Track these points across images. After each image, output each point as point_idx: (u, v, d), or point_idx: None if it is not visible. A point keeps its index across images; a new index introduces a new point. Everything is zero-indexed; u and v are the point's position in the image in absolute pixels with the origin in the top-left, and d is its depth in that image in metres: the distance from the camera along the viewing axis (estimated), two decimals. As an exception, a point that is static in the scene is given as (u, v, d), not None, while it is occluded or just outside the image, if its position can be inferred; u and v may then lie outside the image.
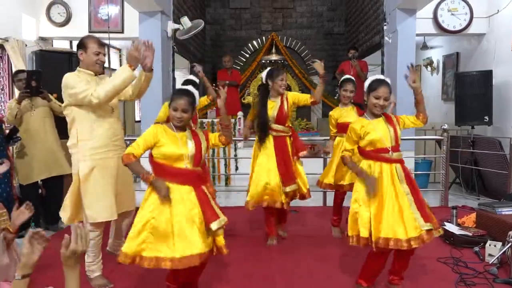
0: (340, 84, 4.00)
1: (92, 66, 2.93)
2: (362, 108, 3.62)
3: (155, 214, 2.44)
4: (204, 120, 6.83)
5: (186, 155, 2.49)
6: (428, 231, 2.58)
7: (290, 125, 3.89)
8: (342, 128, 3.75)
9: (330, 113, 4.08)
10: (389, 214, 2.60)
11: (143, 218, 2.45)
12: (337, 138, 4.02)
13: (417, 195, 2.67)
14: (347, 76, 4.13)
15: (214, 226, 2.47)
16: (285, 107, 3.73)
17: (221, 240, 2.54)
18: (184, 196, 2.47)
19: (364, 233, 2.62)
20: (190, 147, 2.52)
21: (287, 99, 3.76)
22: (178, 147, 2.48)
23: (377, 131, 2.69)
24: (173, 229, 2.41)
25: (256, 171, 3.74)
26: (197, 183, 2.54)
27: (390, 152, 2.69)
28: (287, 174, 3.68)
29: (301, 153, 3.82)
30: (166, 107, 3.70)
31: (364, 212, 2.65)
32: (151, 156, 2.54)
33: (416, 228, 2.56)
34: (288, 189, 3.66)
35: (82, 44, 2.92)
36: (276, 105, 3.72)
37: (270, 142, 3.74)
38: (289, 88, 8.26)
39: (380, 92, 2.67)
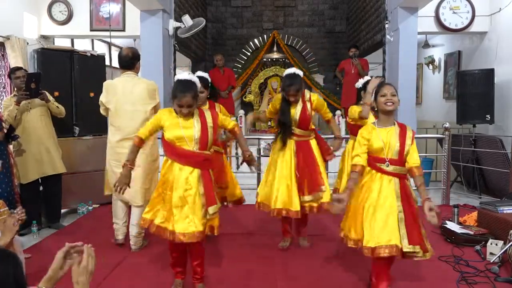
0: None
1: None
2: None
3: (162, 189, 2.70)
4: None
5: (190, 137, 2.62)
6: (408, 253, 2.51)
7: (313, 127, 3.61)
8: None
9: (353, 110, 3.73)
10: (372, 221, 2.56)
11: (156, 191, 2.74)
12: (350, 142, 3.93)
13: (412, 215, 2.56)
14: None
15: (211, 210, 2.65)
16: (308, 109, 3.45)
17: (215, 221, 2.72)
18: (186, 176, 2.63)
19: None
20: (196, 130, 2.63)
21: (310, 100, 3.47)
22: (179, 129, 2.63)
23: (379, 139, 2.61)
24: (171, 204, 2.63)
25: (277, 178, 3.48)
26: (203, 166, 2.67)
27: (386, 163, 2.59)
28: (310, 181, 3.43)
29: (328, 158, 3.61)
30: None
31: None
32: (162, 137, 2.74)
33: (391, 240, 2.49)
34: (308, 198, 3.41)
35: (139, 56, 3.69)
36: (298, 108, 3.43)
37: (290, 148, 3.48)
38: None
39: (385, 90, 2.61)
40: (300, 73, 3.41)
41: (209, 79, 3.59)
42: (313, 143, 3.55)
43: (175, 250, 2.80)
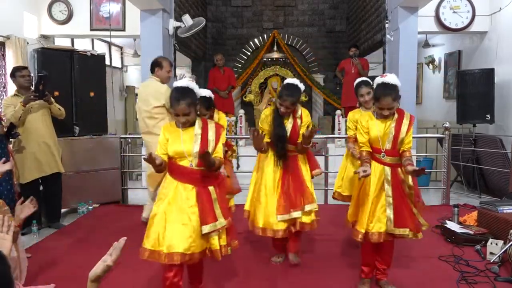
0: (355, 90, 3.68)
1: (165, 80, 4.21)
2: None
3: (156, 208, 2.51)
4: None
5: (189, 152, 2.45)
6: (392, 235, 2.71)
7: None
8: None
9: (349, 116, 3.68)
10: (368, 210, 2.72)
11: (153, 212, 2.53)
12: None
13: (401, 198, 2.70)
14: (359, 80, 3.72)
15: (205, 229, 2.42)
16: (298, 125, 3.21)
17: (215, 244, 2.47)
18: (186, 194, 2.46)
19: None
20: (196, 143, 2.47)
21: (301, 117, 3.24)
22: (179, 144, 2.46)
23: (375, 129, 2.71)
24: (166, 224, 2.43)
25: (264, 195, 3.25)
26: (200, 183, 2.48)
27: (382, 154, 2.71)
28: (295, 197, 3.17)
29: (314, 172, 3.36)
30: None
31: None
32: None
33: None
34: (296, 214, 3.14)
35: (158, 63, 4.19)
36: (289, 125, 3.20)
37: (276, 163, 3.24)
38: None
39: (383, 104, 2.67)
40: (302, 87, 3.21)
41: (212, 98, 3.44)
42: (301, 157, 3.30)
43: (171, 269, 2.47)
